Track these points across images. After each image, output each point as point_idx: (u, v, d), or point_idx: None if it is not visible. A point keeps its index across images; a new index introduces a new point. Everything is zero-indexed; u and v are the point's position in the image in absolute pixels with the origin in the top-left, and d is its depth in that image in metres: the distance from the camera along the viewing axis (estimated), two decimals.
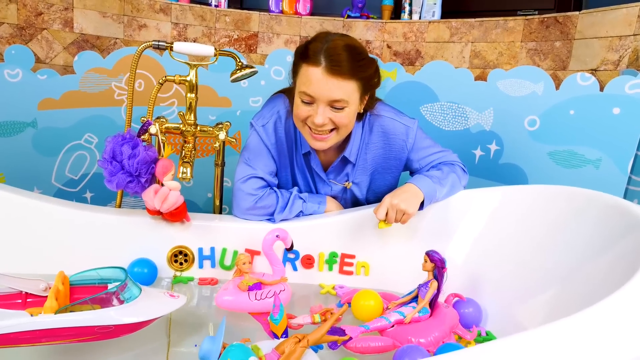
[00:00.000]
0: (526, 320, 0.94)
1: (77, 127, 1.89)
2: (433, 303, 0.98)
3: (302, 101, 1.08)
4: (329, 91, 1.04)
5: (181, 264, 1.15)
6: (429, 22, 2.06)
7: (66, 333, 0.76)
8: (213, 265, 1.16)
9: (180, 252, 1.15)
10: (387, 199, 1.11)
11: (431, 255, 0.98)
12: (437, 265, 0.97)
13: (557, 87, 1.52)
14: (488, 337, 0.98)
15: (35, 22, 1.90)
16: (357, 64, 1.05)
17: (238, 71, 1.14)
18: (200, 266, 1.16)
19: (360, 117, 1.18)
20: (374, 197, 1.29)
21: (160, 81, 1.11)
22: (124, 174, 1.02)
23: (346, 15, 2.25)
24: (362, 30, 2.20)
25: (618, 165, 1.40)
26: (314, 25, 2.23)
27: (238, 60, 1.14)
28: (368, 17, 2.25)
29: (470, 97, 1.71)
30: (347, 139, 1.19)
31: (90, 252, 1.11)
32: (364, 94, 1.11)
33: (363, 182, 1.27)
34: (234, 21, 2.23)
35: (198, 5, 2.19)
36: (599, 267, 0.85)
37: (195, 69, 1.10)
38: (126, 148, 1.02)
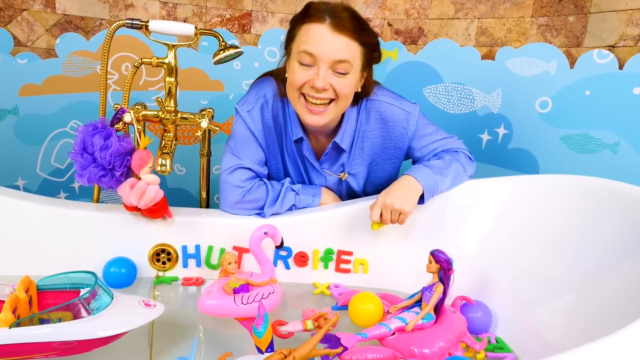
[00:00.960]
0: (541, 326, 0.85)
1: (61, 114, 1.79)
2: (438, 308, 0.89)
3: (301, 63, 0.98)
4: (334, 49, 0.96)
5: (164, 263, 1.07)
6: None
7: (22, 349, 0.67)
8: (199, 264, 1.08)
9: (163, 251, 1.06)
10: (381, 198, 1.02)
11: (436, 256, 0.88)
12: (442, 266, 0.88)
13: (572, 66, 1.40)
14: (498, 345, 0.89)
15: (14, 3, 1.79)
16: (363, 27, 0.98)
17: (221, 52, 1.03)
18: (185, 265, 1.07)
19: (355, 100, 1.07)
20: (373, 189, 1.20)
21: (135, 64, 1.01)
22: (96, 167, 0.93)
23: None
24: (360, 7, 2.07)
25: (638, 150, 1.29)
26: None
27: (221, 39, 1.04)
28: None
29: (476, 77, 1.60)
30: (339, 123, 1.09)
31: (64, 251, 1.02)
32: (365, 66, 1.03)
33: (360, 173, 1.17)
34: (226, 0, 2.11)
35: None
36: (625, 271, 0.75)
37: (174, 49, 0.99)
38: (98, 139, 0.93)
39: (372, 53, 1.03)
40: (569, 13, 1.59)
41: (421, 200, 1.04)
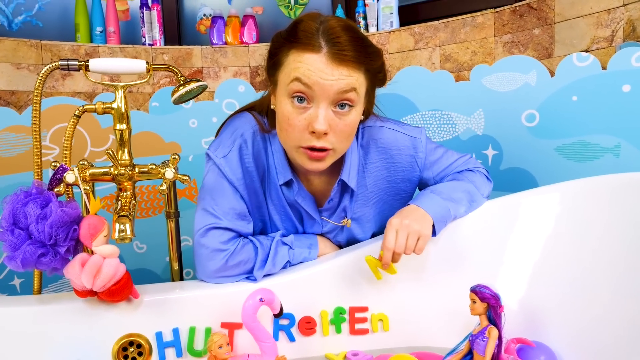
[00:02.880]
0: None
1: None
2: (495, 358, 0.70)
3: (293, 101, 0.80)
4: (336, 81, 0.77)
5: (134, 359, 0.83)
6: (389, 32, 1.88)
7: None
8: (179, 354, 0.84)
9: (131, 344, 0.83)
10: (394, 221, 0.84)
11: (480, 292, 0.71)
12: (490, 304, 0.71)
13: (552, 74, 1.34)
14: None
15: None
16: (366, 51, 0.80)
17: (181, 87, 0.87)
18: (162, 358, 0.83)
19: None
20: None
21: (76, 112, 0.82)
22: (32, 245, 0.71)
23: None
24: None
25: None
26: (264, 53, 2.01)
27: (179, 74, 0.88)
28: None
29: (454, 101, 1.51)
30: (341, 158, 0.91)
31: None
32: (370, 93, 0.86)
33: (365, 217, 0.98)
34: (174, 58, 1.97)
35: (130, 46, 1.92)
36: None
37: (123, 90, 0.82)
38: (32, 207, 0.72)
39: (376, 75, 0.86)
40: (533, 26, 1.55)
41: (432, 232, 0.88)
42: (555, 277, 0.85)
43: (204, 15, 2.22)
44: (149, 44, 1.99)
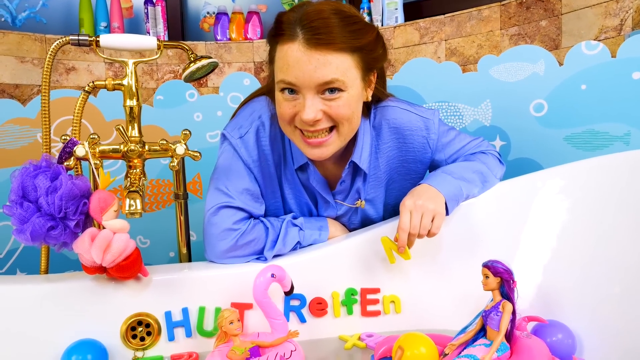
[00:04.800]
0: None
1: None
2: (510, 334, 0.69)
3: (283, 94, 0.80)
4: (314, 71, 0.76)
5: (142, 339, 0.81)
6: (394, 27, 1.88)
7: None
8: (189, 334, 0.82)
9: (140, 323, 0.81)
10: (408, 202, 0.83)
11: (493, 267, 0.70)
12: (504, 278, 0.69)
13: (561, 63, 1.33)
14: None
15: None
16: (348, 29, 0.77)
17: (192, 64, 0.86)
18: (171, 338, 0.82)
19: (368, 109, 0.91)
20: (392, 213, 1.01)
21: (86, 89, 0.81)
22: (41, 218, 0.70)
23: None
24: None
25: None
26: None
27: (190, 51, 0.87)
28: None
29: (461, 92, 1.50)
30: (353, 140, 0.91)
31: (10, 341, 0.75)
32: (367, 72, 0.83)
33: (378, 197, 0.97)
34: (178, 54, 1.97)
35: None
36: None
37: (133, 66, 0.81)
38: (42, 180, 0.70)
39: (372, 54, 0.82)
40: (540, 18, 1.55)
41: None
42: (573, 258, 0.83)
43: (208, 13, 2.22)
44: None
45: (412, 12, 1.97)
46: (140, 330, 0.81)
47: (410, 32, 1.85)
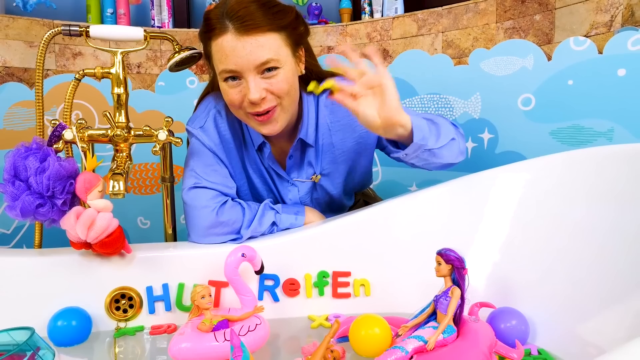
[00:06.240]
0: (594, 334, 0.70)
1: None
2: (458, 318, 0.73)
3: (227, 82, 0.88)
4: (250, 54, 0.84)
5: (125, 310, 0.87)
6: (393, 18, 1.90)
7: None
8: (168, 308, 0.89)
9: (123, 296, 0.87)
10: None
11: (445, 255, 0.74)
12: (455, 265, 0.73)
13: (549, 58, 1.35)
14: (542, 357, 0.73)
15: None
16: (270, 12, 0.86)
17: (176, 54, 0.91)
18: (151, 311, 0.88)
19: (307, 81, 0.95)
20: (352, 190, 1.06)
21: (76, 76, 0.86)
22: (30, 196, 0.76)
23: None
24: (322, 36, 2.03)
25: (633, 133, 1.21)
26: None
27: (175, 42, 0.92)
28: (327, 24, 2.08)
29: (452, 84, 1.52)
30: (299, 118, 0.98)
31: (4, 307, 0.82)
32: (296, 48, 0.91)
33: (335, 173, 1.04)
34: (182, 42, 2.02)
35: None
36: None
37: (121, 56, 0.86)
38: (32, 161, 0.77)
39: (295, 31, 0.91)
40: (534, 12, 1.56)
41: (404, 146, 0.88)
42: (532, 249, 0.87)
43: (213, 1, 2.26)
44: (157, 27, 2.04)
45: (412, 3, 1.98)
46: (123, 302, 0.87)
47: (408, 24, 1.87)
